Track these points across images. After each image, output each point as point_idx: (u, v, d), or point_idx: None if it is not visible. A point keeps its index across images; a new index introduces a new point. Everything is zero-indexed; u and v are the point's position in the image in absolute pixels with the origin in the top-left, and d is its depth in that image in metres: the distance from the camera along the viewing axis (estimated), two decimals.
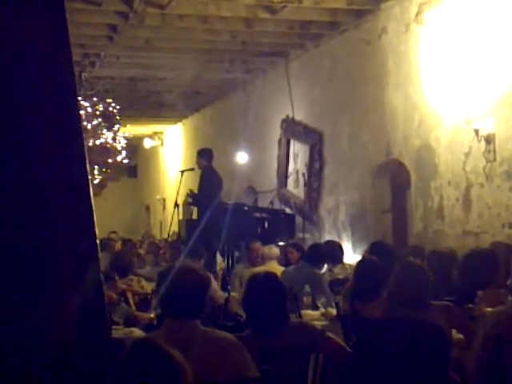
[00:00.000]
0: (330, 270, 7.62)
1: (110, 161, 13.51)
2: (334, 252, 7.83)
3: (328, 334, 3.88)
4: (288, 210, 11.78)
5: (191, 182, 11.63)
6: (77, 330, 2.24)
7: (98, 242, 2.31)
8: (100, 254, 2.37)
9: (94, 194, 2.34)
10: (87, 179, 2.30)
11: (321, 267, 7.37)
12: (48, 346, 2.21)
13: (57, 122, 2.27)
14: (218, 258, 8.69)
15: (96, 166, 13.17)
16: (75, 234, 2.27)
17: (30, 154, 2.24)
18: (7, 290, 2.22)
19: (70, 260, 2.25)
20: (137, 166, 23.13)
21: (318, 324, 5.08)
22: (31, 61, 2.27)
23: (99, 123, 12.78)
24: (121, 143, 13.53)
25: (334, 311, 5.90)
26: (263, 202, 12.70)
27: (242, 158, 13.54)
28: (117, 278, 6.63)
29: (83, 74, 11.79)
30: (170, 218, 11.83)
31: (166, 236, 14.03)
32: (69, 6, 2.37)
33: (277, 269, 7.27)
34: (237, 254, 10.17)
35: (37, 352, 2.21)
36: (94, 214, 2.29)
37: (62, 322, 2.21)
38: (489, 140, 7.22)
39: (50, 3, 2.31)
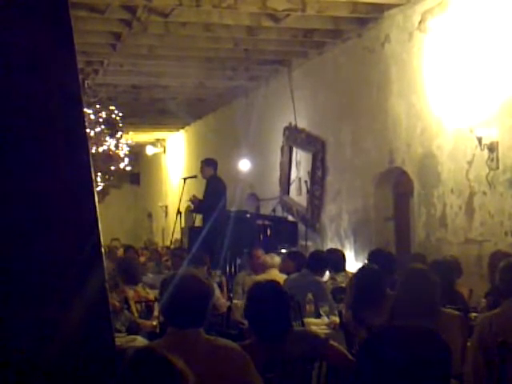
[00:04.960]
0: (332, 278, 7.58)
1: (112, 168, 13.52)
2: (336, 260, 7.79)
3: (331, 342, 3.87)
4: (290, 218, 11.77)
5: (194, 190, 11.65)
6: (81, 338, 2.24)
7: (102, 249, 2.31)
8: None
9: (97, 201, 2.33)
10: (92, 186, 2.30)
11: (322, 275, 7.35)
12: (51, 355, 2.20)
13: (63, 128, 2.27)
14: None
15: (99, 173, 13.17)
16: (80, 242, 2.26)
17: (35, 161, 2.24)
18: (11, 298, 2.22)
19: (75, 267, 2.25)
20: (139, 173, 23.13)
21: (321, 332, 5.07)
22: (36, 68, 2.28)
23: (102, 130, 12.79)
24: (123, 150, 13.54)
25: (337, 319, 5.90)
26: (265, 210, 12.70)
27: (244, 165, 13.54)
28: (122, 284, 6.63)
29: (86, 82, 11.81)
30: (172, 226, 11.85)
31: (168, 243, 14.03)
32: (72, 14, 2.38)
33: (278, 277, 7.25)
34: (239, 261, 10.16)
35: (40, 360, 2.20)
36: (99, 222, 2.29)
37: (66, 330, 2.21)
38: (492, 148, 7.21)
39: (55, 11, 2.31)
